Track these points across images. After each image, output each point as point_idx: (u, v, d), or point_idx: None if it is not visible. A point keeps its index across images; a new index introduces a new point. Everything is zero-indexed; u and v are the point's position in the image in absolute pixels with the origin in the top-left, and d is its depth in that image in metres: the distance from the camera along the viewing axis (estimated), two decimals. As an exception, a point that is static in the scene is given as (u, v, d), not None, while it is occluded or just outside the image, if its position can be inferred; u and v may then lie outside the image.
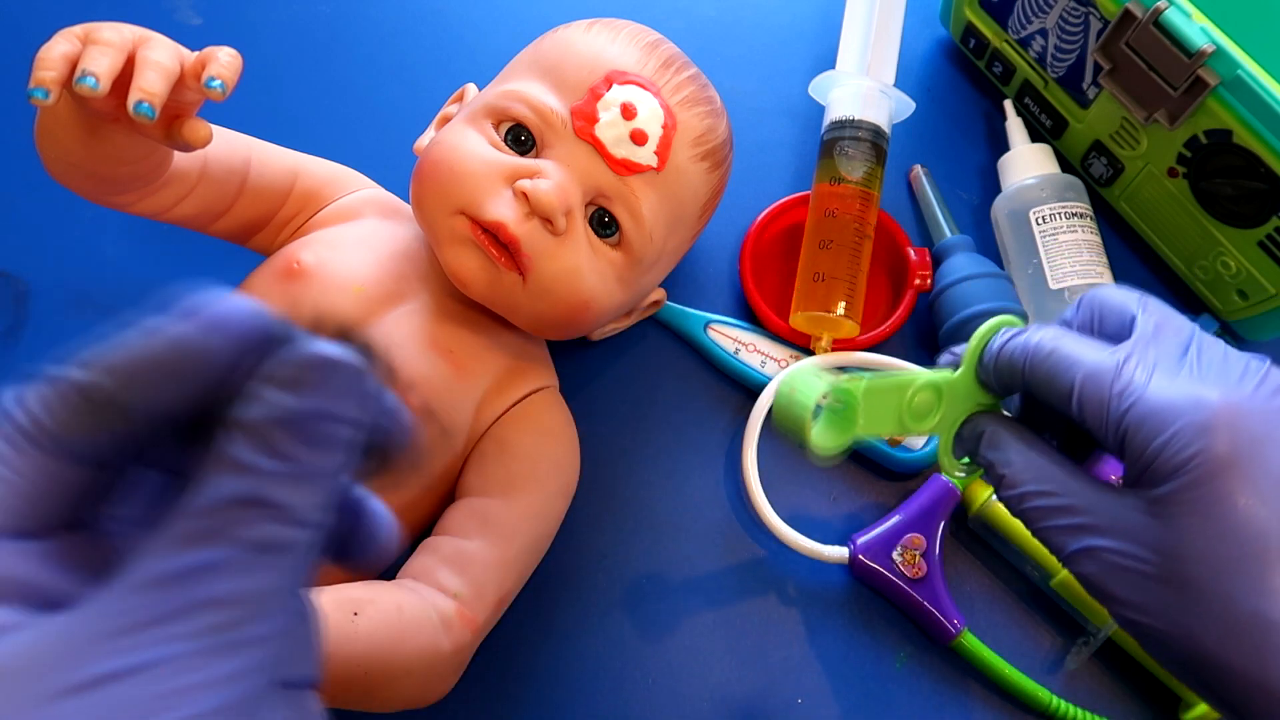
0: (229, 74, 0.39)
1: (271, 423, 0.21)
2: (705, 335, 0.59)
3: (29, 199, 0.61)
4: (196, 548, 0.21)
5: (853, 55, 0.60)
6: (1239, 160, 0.50)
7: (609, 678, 0.52)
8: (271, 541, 0.21)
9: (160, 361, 0.22)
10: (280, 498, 0.21)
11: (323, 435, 0.22)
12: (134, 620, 0.20)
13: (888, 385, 0.36)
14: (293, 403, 0.22)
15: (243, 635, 0.21)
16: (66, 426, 0.22)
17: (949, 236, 0.60)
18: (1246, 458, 0.29)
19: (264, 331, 0.23)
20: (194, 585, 0.20)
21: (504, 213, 0.46)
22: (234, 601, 0.21)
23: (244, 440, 0.21)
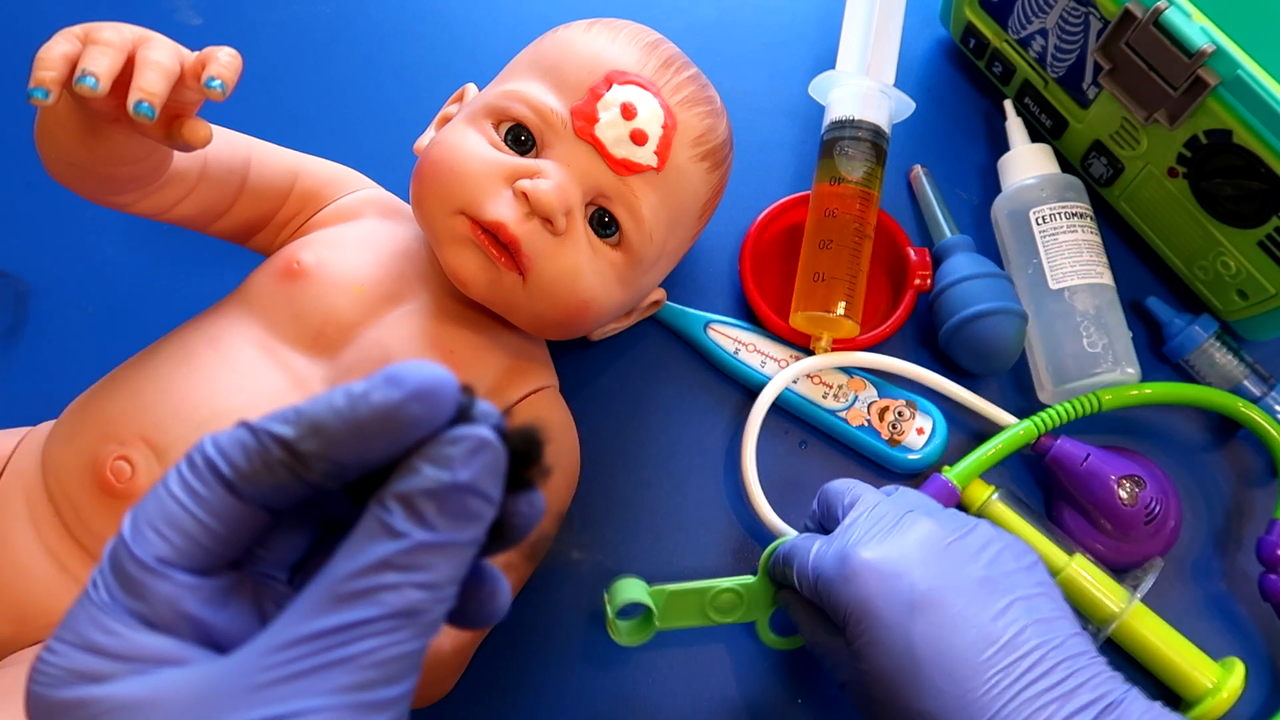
0: (229, 74, 0.39)
1: (424, 494, 0.23)
2: (705, 335, 0.59)
3: (29, 199, 0.61)
4: (344, 609, 0.23)
5: (853, 55, 0.60)
6: (1239, 160, 0.50)
7: (609, 677, 0.52)
8: (412, 608, 0.23)
9: (364, 426, 0.23)
10: (423, 565, 0.23)
11: (467, 510, 0.24)
12: (284, 673, 0.22)
13: (690, 590, 0.49)
14: (446, 477, 0.23)
15: (378, 697, 0.23)
16: (264, 477, 0.24)
17: (949, 236, 0.60)
18: (875, 601, 0.39)
19: (457, 403, 0.24)
20: (339, 645, 0.22)
21: (504, 213, 0.46)
22: (375, 664, 0.22)
23: (399, 508, 0.23)
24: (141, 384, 0.46)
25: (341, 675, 0.22)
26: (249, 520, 0.25)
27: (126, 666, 0.23)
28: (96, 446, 0.44)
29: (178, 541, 0.24)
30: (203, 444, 0.25)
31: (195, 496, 0.24)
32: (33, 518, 0.45)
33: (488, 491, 0.24)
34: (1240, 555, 0.56)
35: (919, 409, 0.57)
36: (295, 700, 0.22)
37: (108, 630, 0.23)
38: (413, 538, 0.23)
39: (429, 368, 0.24)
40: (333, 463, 0.24)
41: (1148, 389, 0.56)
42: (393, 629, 0.23)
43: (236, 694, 0.22)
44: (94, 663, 0.23)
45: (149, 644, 0.23)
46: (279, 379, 0.46)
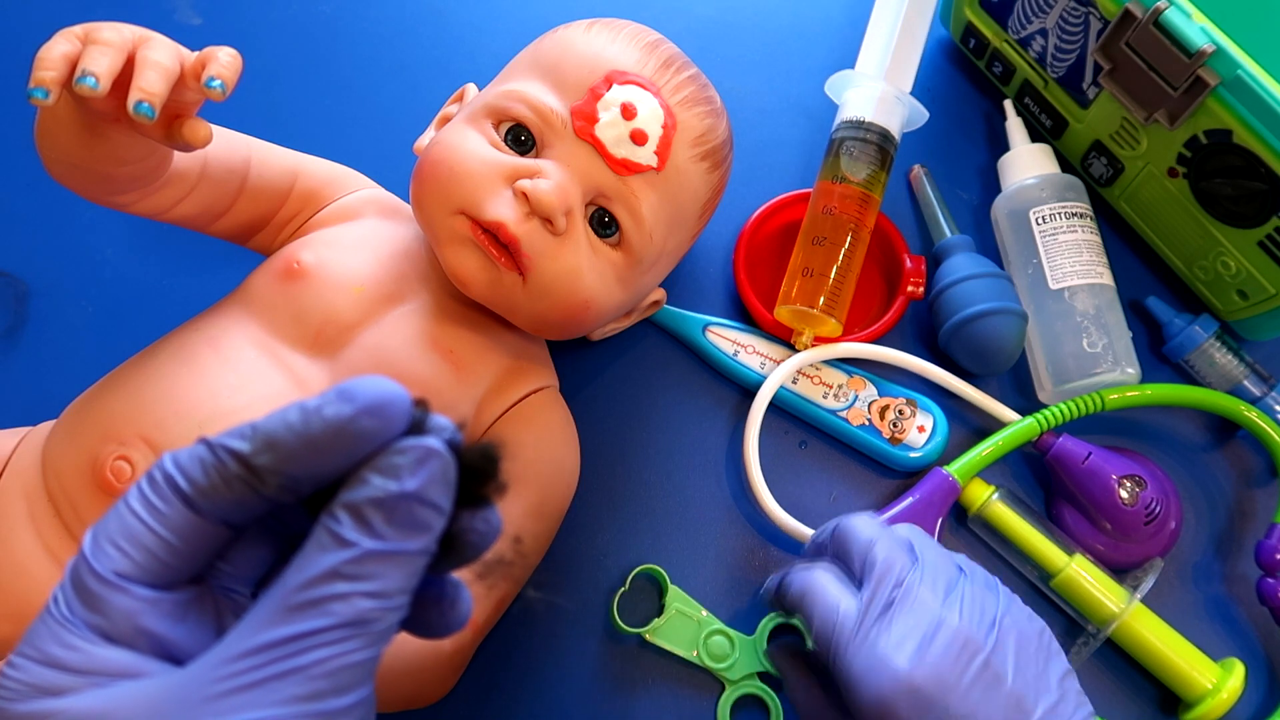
0: (229, 74, 0.39)
1: (372, 503, 0.24)
2: (704, 338, 0.59)
3: (29, 199, 0.61)
4: (294, 620, 0.23)
5: (873, 58, 0.60)
6: (1239, 160, 0.50)
7: (609, 676, 0.52)
8: (363, 617, 0.23)
9: (317, 440, 0.24)
10: (372, 574, 0.23)
11: (415, 519, 0.24)
12: (236, 684, 0.22)
13: (689, 617, 0.52)
14: (394, 486, 0.24)
15: (330, 706, 0.23)
16: (222, 492, 0.24)
17: (949, 236, 0.60)
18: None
19: (409, 418, 0.25)
20: (290, 655, 0.23)
21: (504, 213, 0.46)
22: (325, 674, 0.23)
23: (347, 518, 0.24)
24: (141, 384, 0.46)
25: (292, 686, 0.22)
26: (208, 535, 0.25)
27: (85, 680, 0.23)
28: (96, 446, 0.44)
29: (137, 557, 0.24)
30: (162, 461, 0.25)
31: (154, 512, 0.24)
32: (33, 518, 0.45)
33: (435, 500, 0.24)
34: (1240, 556, 0.56)
35: (920, 407, 0.57)
36: (247, 710, 0.22)
37: (67, 645, 0.24)
38: (361, 547, 0.23)
39: (381, 383, 0.24)
40: (287, 476, 0.24)
41: (1150, 389, 0.56)
42: (342, 639, 0.23)
43: (190, 705, 0.22)
44: (53, 677, 0.23)
45: (107, 657, 0.24)
46: (279, 379, 0.46)
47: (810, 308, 0.55)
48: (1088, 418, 0.55)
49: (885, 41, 0.60)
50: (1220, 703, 0.50)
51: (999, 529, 0.54)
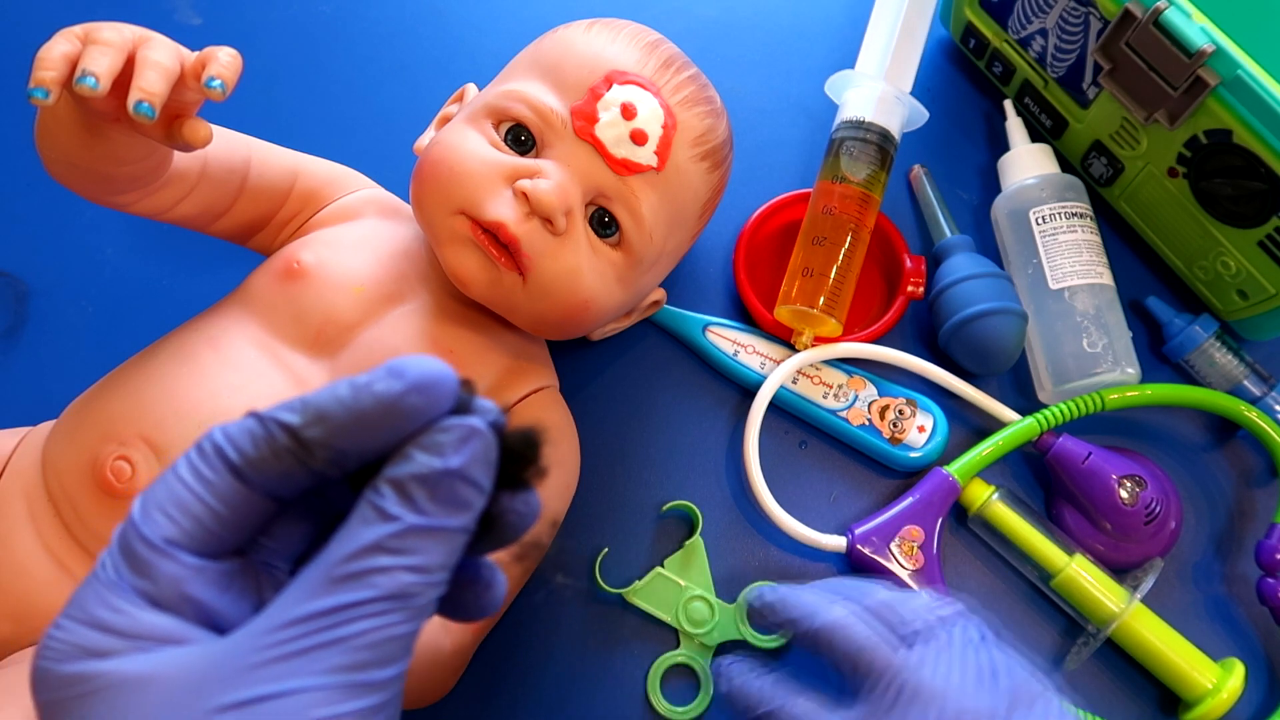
0: (229, 74, 0.39)
1: (415, 479, 0.24)
2: (704, 338, 0.59)
3: (29, 199, 0.61)
4: (338, 591, 0.23)
5: (874, 58, 0.60)
6: (1239, 160, 0.50)
7: (610, 676, 0.52)
8: (405, 590, 0.24)
9: (366, 415, 0.24)
10: (414, 549, 0.24)
11: (456, 496, 0.24)
12: (279, 653, 0.23)
13: (671, 580, 0.53)
14: (437, 463, 0.24)
15: (370, 678, 0.23)
16: (270, 464, 0.25)
17: (949, 236, 0.60)
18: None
19: (455, 397, 0.25)
20: (333, 626, 0.23)
21: (504, 213, 0.46)
22: (367, 645, 0.23)
23: (391, 493, 0.24)
24: (141, 384, 0.46)
25: (335, 656, 0.23)
26: (254, 507, 0.25)
27: (130, 644, 0.24)
28: (96, 446, 0.44)
29: (185, 524, 0.25)
30: (212, 432, 0.25)
31: (204, 481, 0.25)
32: (33, 518, 0.45)
33: (477, 479, 0.25)
34: (1240, 557, 0.56)
35: (920, 407, 0.57)
36: (289, 679, 0.22)
37: (114, 608, 0.24)
38: (404, 521, 0.24)
39: (430, 362, 0.25)
40: (335, 450, 0.25)
41: (1150, 389, 0.56)
42: (384, 611, 0.23)
43: (233, 673, 0.23)
44: (99, 639, 0.24)
45: (153, 622, 0.24)
46: (279, 379, 0.46)
47: (810, 308, 0.55)
48: (1088, 418, 0.55)
49: (885, 41, 0.60)
50: (1220, 703, 0.50)
51: (999, 529, 0.54)
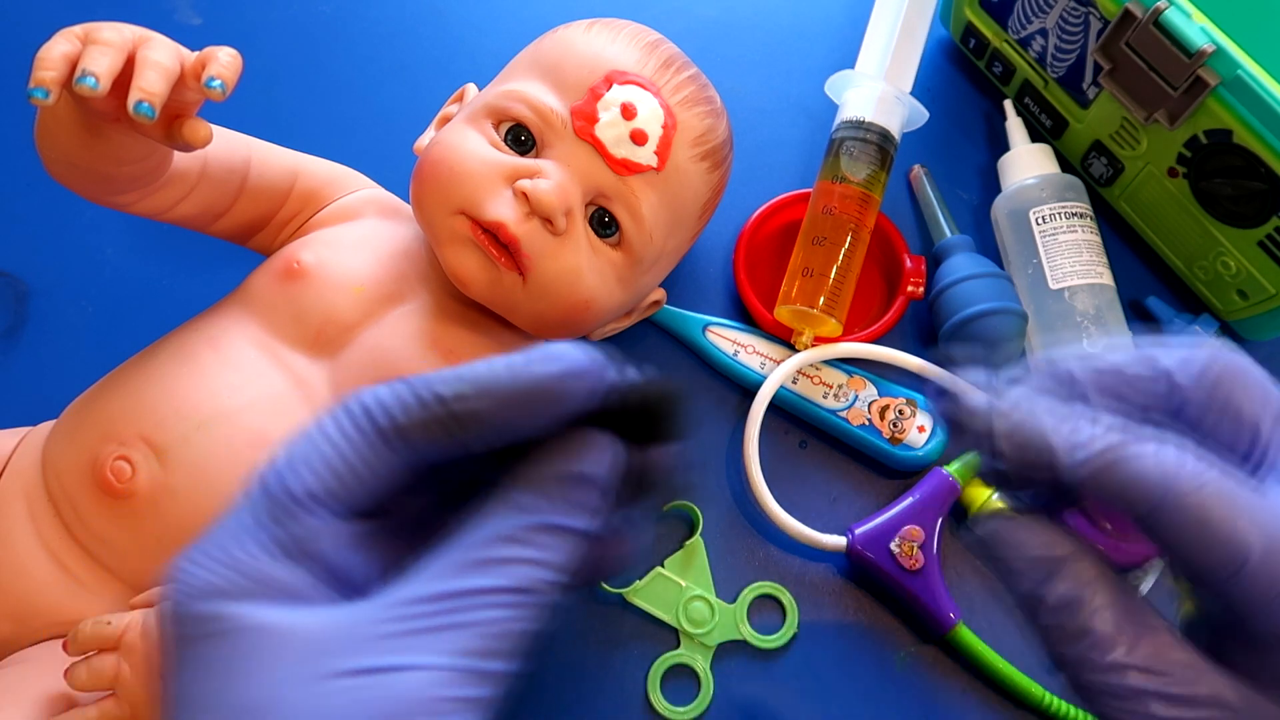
0: (229, 74, 0.39)
1: (556, 480, 0.25)
2: (704, 338, 0.59)
3: (29, 199, 0.61)
4: (469, 576, 0.24)
5: (873, 58, 0.60)
6: (1239, 160, 0.50)
7: (610, 676, 0.52)
8: (530, 585, 0.24)
9: (521, 393, 0.25)
10: (545, 545, 0.24)
11: (589, 503, 0.25)
12: (408, 627, 0.23)
13: (671, 580, 0.52)
14: (575, 468, 0.25)
15: (488, 667, 0.23)
16: (418, 432, 0.25)
17: (949, 236, 0.60)
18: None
19: (606, 384, 0.26)
20: (461, 610, 0.23)
21: (504, 213, 0.46)
22: (491, 635, 0.23)
23: (531, 489, 0.25)
24: (141, 384, 0.46)
25: (459, 639, 0.23)
26: (393, 473, 0.25)
27: (260, 589, 0.24)
28: (96, 446, 0.44)
29: (327, 481, 0.25)
30: (361, 395, 0.25)
31: (350, 442, 0.25)
32: (33, 518, 0.45)
33: (608, 488, 0.26)
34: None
35: (919, 407, 0.57)
36: (415, 654, 0.23)
37: (250, 554, 0.24)
38: (539, 517, 0.24)
39: (585, 350, 0.25)
40: (485, 425, 0.25)
41: (1148, 389, 0.56)
42: (509, 604, 0.24)
43: (360, 640, 0.23)
44: (230, 580, 0.24)
45: (286, 574, 0.24)
46: (279, 379, 0.46)
47: (810, 308, 0.55)
48: (1088, 418, 0.55)
49: (885, 41, 0.60)
50: (1220, 703, 0.50)
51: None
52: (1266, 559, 0.23)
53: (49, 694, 0.41)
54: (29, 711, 0.40)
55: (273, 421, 0.45)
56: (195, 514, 0.44)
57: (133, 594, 0.43)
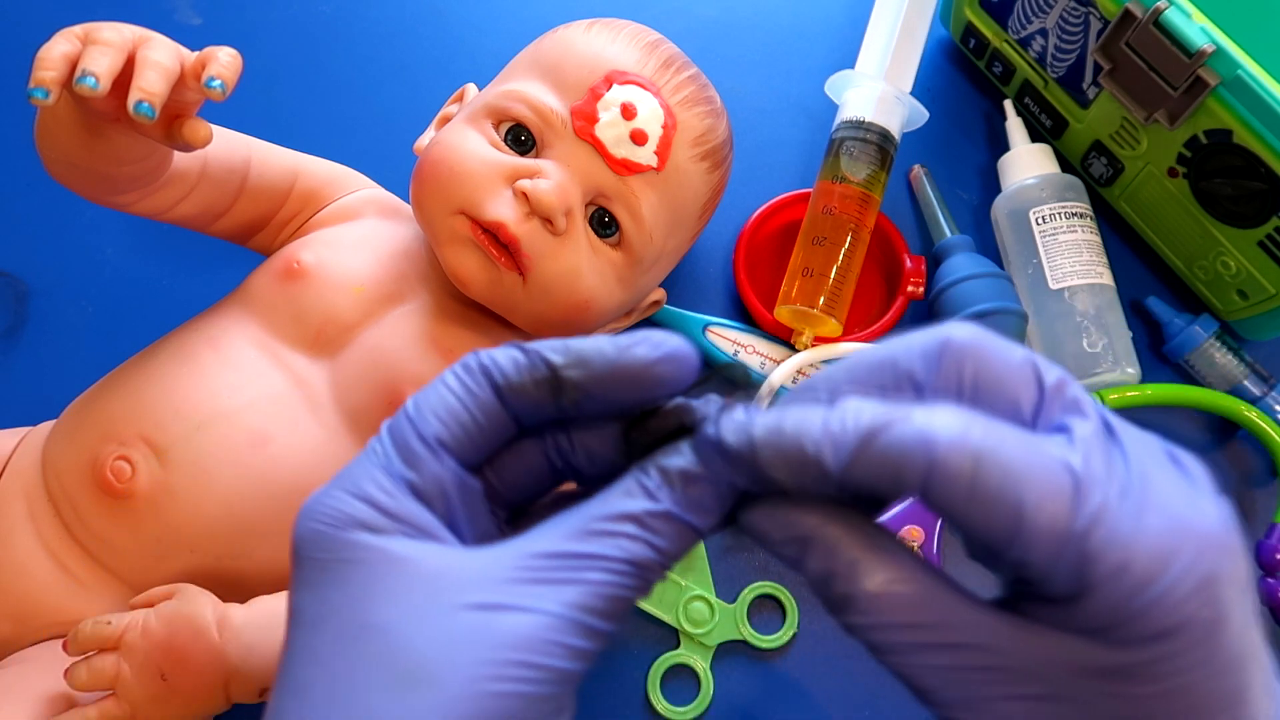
0: (229, 74, 0.39)
1: (681, 474, 0.26)
2: (704, 338, 0.59)
3: (29, 199, 0.61)
4: (591, 542, 0.26)
5: (873, 58, 0.60)
6: (1239, 160, 0.50)
7: (610, 676, 0.52)
8: (641, 561, 0.26)
9: (623, 371, 0.27)
10: (660, 531, 0.26)
11: (707, 501, 0.26)
12: (533, 575, 0.25)
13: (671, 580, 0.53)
14: (701, 468, 0.26)
15: (594, 624, 0.25)
16: (528, 391, 0.27)
17: (949, 236, 0.60)
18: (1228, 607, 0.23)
19: (698, 373, 0.28)
20: (580, 569, 0.25)
21: (504, 213, 0.46)
22: (599, 595, 0.25)
23: (658, 477, 0.27)
24: (141, 384, 0.46)
25: (574, 593, 0.25)
26: (501, 428, 0.28)
27: (395, 526, 0.26)
28: (96, 446, 0.44)
29: (453, 428, 0.27)
30: (477, 353, 0.28)
31: (470, 394, 0.28)
32: (33, 518, 0.45)
33: (726, 490, 0.27)
34: (1240, 555, 0.56)
35: (919, 409, 0.57)
36: (533, 600, 0.25)
37: (386, 490, 0.27)
38: (661, 505, 0.26)
39: (681, 340, 0.28)
40: (584, 394, 0.27)
41: (1150, 389, 0.56)
42: (620, 572, 0.26)
43: (487, 580, 0.25)
44: (369, 514, 0.26)
45: (416, 511, 0.27)
46: (279, 379, 0.46)
47: (810, 308, 0.55)
48: (1088, 418, 0.55)
49: (885, 41, 0.60)
50: (1220, 703, 0.50)
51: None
52: (1040, 513, 0.22)
53: (49, 694, 0.41)
54: (29, 711, 0.40)
55: (273, 421, 0.45)
56: (195, 514, 0.44)
57: (133, 594, 0.43)
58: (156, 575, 0.44)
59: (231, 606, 0.42)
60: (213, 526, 0.44)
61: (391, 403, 0.46)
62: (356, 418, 0.47)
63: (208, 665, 0.40)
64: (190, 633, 0.40)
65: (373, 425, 0.47)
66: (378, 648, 0.25)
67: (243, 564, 0.45)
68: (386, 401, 0.46)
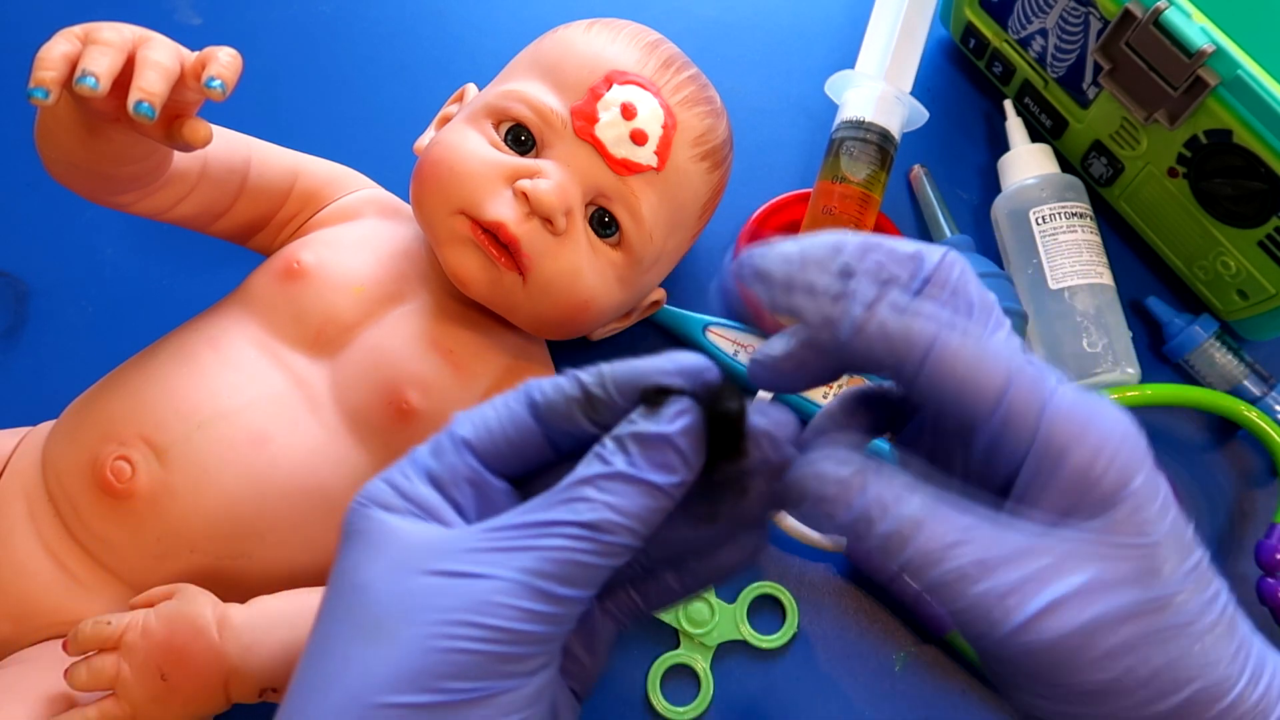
0: (229, 74, 0.39)
1: (632, 436, 0.29)
2: (704, 338, 0.59)
3: (29, 199, 0.61)
4: (547, 510, 0.28)
5: (873, 58, 0.60)
6: (1239, 160, 0.50)
7: (610, 676, 0.52)
8: (598, 523, 0.28)
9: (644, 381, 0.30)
10: (615, 491, 0.28)
11: (663, 458, 0.28)
12: (489, 545, 0.28)
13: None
14: (651, 427, 0.29)
15: (549, 588, 0.27)
16: (560, 408, 0.30)
17: (949, 236, 0.60)
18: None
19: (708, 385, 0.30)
20: (535, 537, 0.28)
21: (504, 213, 0.46)
22: (553, 560, 0.27)
23: (611, 444, 0.29)
24: (141, 384, 0.46)
25: (526, 559, 0.27)
26: (536, 442, 0.31)
27: (405, 505, 0.29)
28: (96, 446, 0.44)
29: (480, 432, 0.30)
30: (527, 383, 0.31)
31: (506, 407, 0.31)
32: (33, 518, 0.45)
33: (682, 447, 0.29)
34: (1240, 556, 0.56)
35: (919, 409, 0.57)
36: (488, 567, 0.27)
37: (406, 475, 0.30)
38: (613, 466, 0.28)
39: (698, 357, 0.30)
40: (608, 410, 0.30)
41: (1150, 389, 0.56)
42: (576, 536, 0.28)
43: (453, 550, 0.28)
44: (387, 494, 0.30)
45: (426, 495, 0.30)
46: (279, 379, 0.46)
47: (810, 308, 0.55)
48: (1088, 418, 0.55)
49: (885, 41, 0.60)
50: (1220, 703, 0.50)
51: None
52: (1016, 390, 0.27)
53: (49, 694, 0.41)
54: (29, 711, 0.40)
55: (273, 421, 0.45)
56: (195, 513, 0.44)
57: (133, 594, 0.43)
58: (156, 575, 0.44)
59: (231, 606, 0.42)
60: (213, 526, 0.44)
61: (391, 402, 0.46)
62: (356, 418, 0.47)
63: (207, 665, 0.40)
64: (190, 632, 0.40)
65: (373, 425, 0.47)
66: (355, 603, 0.28)
67: (243, 564, 0.45)
68: (386, 401, 0.46)
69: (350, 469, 0.46)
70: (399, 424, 0.47)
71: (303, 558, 0.46)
